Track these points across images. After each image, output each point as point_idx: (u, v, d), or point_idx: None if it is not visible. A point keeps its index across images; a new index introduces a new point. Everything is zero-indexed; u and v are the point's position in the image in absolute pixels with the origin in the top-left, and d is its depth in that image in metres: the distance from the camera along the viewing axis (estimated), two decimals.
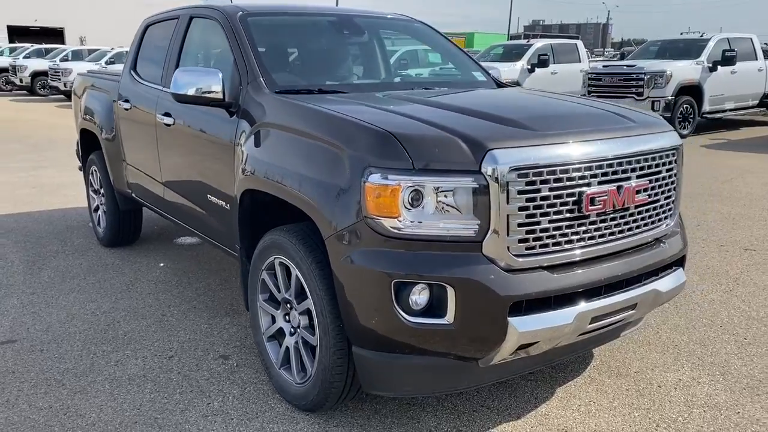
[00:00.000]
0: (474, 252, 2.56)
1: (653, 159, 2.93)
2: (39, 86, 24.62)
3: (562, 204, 2.62)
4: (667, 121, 3.30)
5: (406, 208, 2.52)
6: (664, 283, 3.01)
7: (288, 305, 3.13)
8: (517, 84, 15.57)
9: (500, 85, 4.32)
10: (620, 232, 2.85)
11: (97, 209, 5.96)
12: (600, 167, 2.70)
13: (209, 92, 3.45)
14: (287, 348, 3.17)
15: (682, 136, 13.29)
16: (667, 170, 3.02)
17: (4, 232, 6.34)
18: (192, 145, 3.99)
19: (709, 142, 12.91)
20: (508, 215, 2.53)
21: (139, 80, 4.85)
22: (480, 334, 2.59)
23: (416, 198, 2.52)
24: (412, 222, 2.52)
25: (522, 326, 2.56)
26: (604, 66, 14.88)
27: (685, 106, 13.54)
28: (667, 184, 3.04)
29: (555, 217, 2.62)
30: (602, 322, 2.83)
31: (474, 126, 2.73)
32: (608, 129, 2.91)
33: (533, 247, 2.61)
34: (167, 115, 4.19)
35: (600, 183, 2.71)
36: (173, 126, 4.15)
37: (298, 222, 3.00)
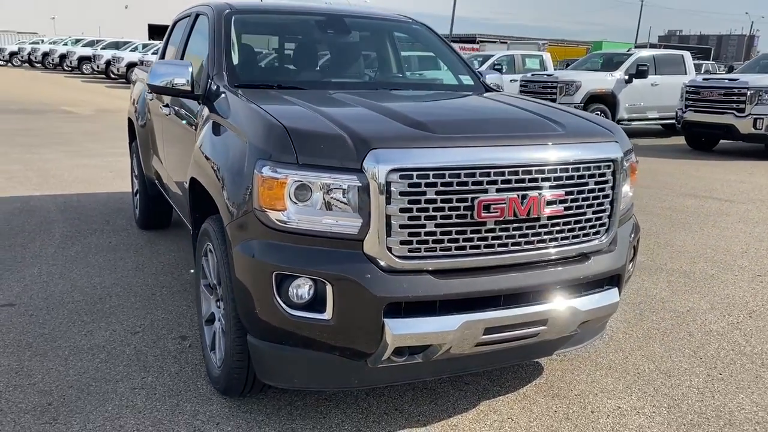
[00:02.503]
0: (355, 250, 2.55)
1: (576, 170, 2.78)
2: None
3: (451, 209, 2.56)
4: None
5: (292, 201, 2.56)
6: (584, 302, 2.85)
7: (217, 291, 3.25)
8: (611, 94, 14.96)
9: (488, 89, 4.22)
10: (527, 243, 2.73)
11: (137, 193, 6.37)
12: (500, 174, 2.61)
13: (178, 83, 3.64)
14: (214, 332, 3.29)
15: None
16: (597, 183, 2.86)
17: (63, 210, 6.92)
18: (176, 134, 4.22)
19: None
20: (389, 216, 2.51)
21: None
22: (357, 332, 2.58)
23: (303, 193, 2.55)
24: (297, 216, 2.56)
25: (397, 328, 2.53)
26: (704, 79, 13.96)
27: None
28: (597, 198, 2.87)
29: (443, 221, 2.56)
30: (503, 334, 2.72)
31: (369, 125, 2.72)
32: (523, 135, 2.79)
33: (417, 250, 2.57)
34: (166, 105, 4.45)
35: (499, 190, 2.61)
36: (169, 116, 4.40)
37: None
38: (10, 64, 41.00)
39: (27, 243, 5.67)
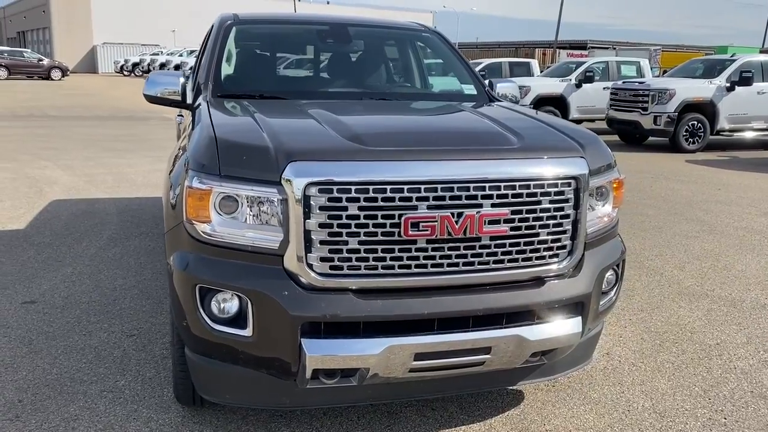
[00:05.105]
0: (276, 266, 2.48)
1: (525, 187, 2.56)
2: None
3: (375, 225, 2.42)
4: None
5: (217, 213, 2.51)
6: (535, 330, 2.62)
7: None
8: (710, 103, 13.94)
9: (493, 99, 4.00)
10: (466, 264, 2.54)
11: None
12: (432, 189, 2.44)
13: (170, 93, 3.71)
14: None
15: None
16: (553, 202, 2.62)
17: (121, 212, 7.27)
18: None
19: None
20: (309, 231, 2.41)
21: None
22: (277, 351, 2.50)
23: (229, 205, 2.51)
24: (221, 229, 2.51)
25: (313, 349, 2.42)
26: None
27: None
28: (553, 218, 2.63)
29: (367, 238, 2.43)
30: (438, 361, 2.55)
31: (300, 137, 2.63)
32: (465, 149, 2.61)
33: (340, 268, 2.45)
34: (179, 114, 4.56)
35: (431, 207, 2.44)
36: (180, 124, 4.50)
37: None
38: (132, 74, 44.04)
39: (74, 244, 5.99)
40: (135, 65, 44.31)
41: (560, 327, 2.67)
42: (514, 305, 2.60)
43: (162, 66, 38.91)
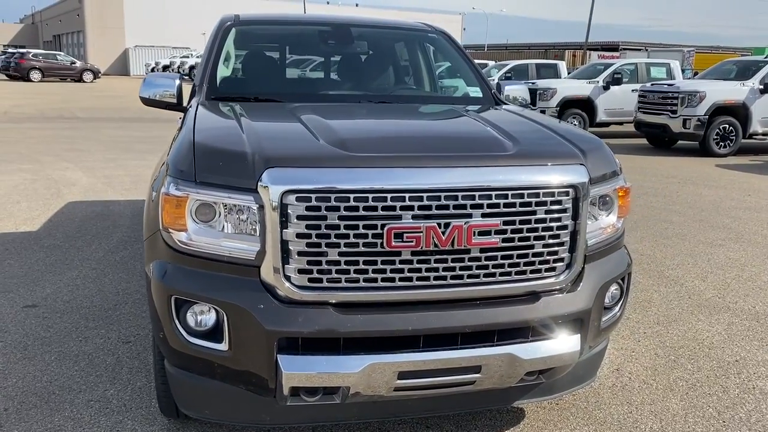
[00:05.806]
0: (252, 277, 2.36)
1: (519, 196, 2.40)
2: None
3: (357, 236, 2.29)
4: None
5: (194, 222, 2.41)
6: (529, 348, 2.46)
7: None
8: (742, 105, 13.51)
9: (498, 102, 3.83)
10: (455, 278, 2.39)
11: None
12: (417, 198, 2.30)
13: (165, 96, 3.63)
14: None
15: None
16: (549, 212, 2.45)
17: (134, 215, 7.25)
18: None
19: None
20: (286, 241, 2.29)
21: None
22: (254, 367, 2.38)
23: (206, 213, 2.40)
24: (198, 238, 2.40)
25: (289, 366, 2.30)
26: None
27: None
28: (549, 229, 2.47)
29: (348, 249, 2.30)
30: (425, 380, 2.41)
31: (281, 143, 2.51)
32: (455, 156, 2.46)
33: (319, 280, 2.33)
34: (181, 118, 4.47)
35: (416, 217, 2.30)
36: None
37: None
38: None
39: (83, 246, 5.96)
40: (165, 68, 44.86)
41: (557, 345, 2.50)
42: (506, 321, 2.44)
43: (191, 68, 39.38)
